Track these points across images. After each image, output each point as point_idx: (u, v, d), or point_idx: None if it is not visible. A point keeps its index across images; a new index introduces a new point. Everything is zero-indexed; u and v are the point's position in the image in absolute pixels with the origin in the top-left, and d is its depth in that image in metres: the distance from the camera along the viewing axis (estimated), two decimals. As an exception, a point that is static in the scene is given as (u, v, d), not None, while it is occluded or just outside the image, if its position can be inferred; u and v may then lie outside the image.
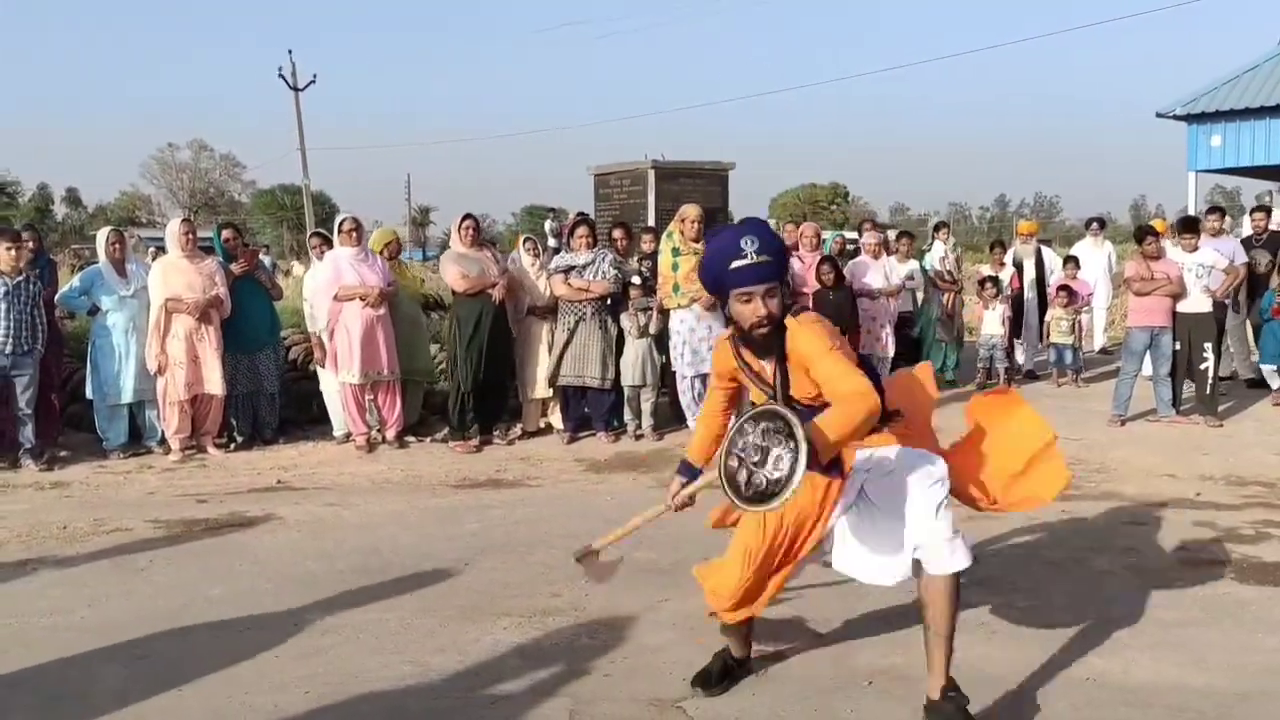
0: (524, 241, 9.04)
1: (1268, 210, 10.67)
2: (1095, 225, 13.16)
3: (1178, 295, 8.63)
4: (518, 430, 8.66)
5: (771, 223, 9.62)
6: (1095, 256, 12.46)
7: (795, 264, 9.31)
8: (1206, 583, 4.76)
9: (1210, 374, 8.71)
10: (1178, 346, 8.72)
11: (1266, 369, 9.60)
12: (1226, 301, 9.42)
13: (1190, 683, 3.67)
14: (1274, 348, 9.40)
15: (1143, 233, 9.09)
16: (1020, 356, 11.63)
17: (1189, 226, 9.25)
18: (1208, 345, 8.68)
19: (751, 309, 3.15)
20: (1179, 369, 8.85)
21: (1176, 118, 15.64)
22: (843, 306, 9.02)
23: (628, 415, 8.61)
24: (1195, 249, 8.93)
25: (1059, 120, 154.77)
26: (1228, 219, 10.84)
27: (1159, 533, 5.61)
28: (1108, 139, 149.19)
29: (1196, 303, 8.71)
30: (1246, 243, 10.07)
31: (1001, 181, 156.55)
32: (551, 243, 12.82)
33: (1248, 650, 3.96)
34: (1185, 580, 4.81)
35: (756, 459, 2.84)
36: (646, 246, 9.46)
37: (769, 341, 3.20)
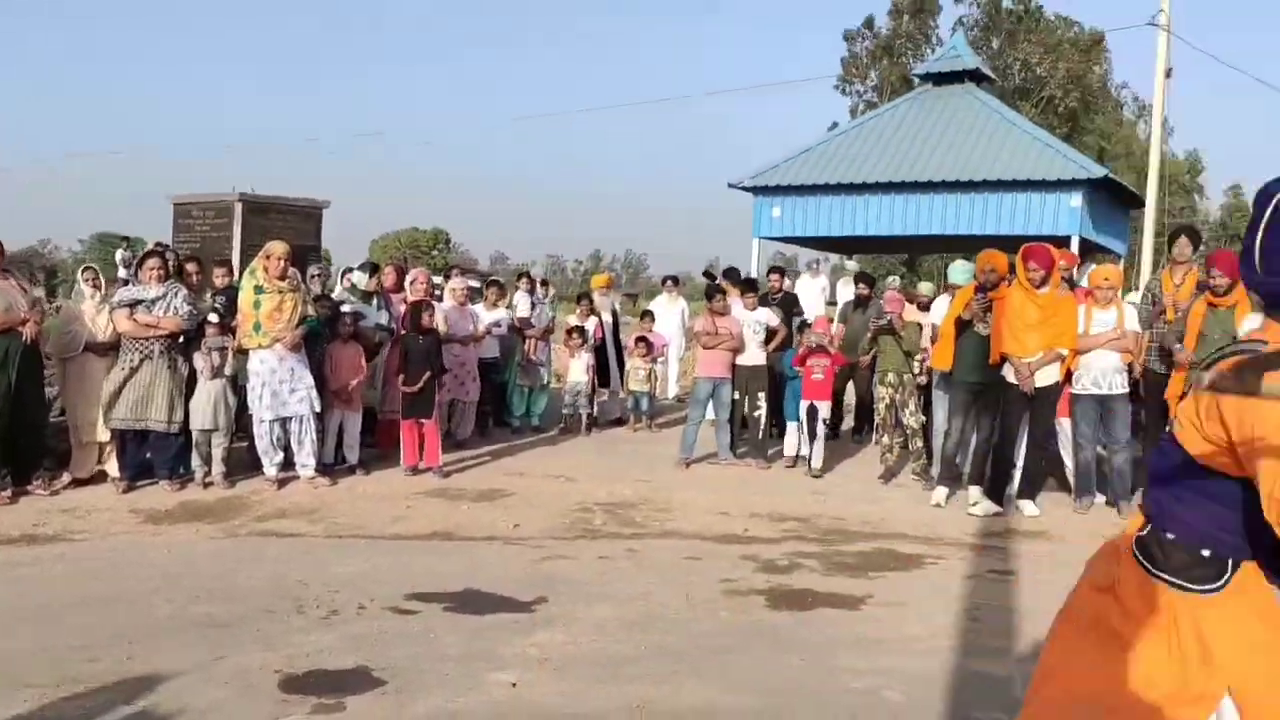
0: (83, 271, 8.22)
1: (782, 271, 11.83)
2: (670, 282, 14.17)
3: (737, 349, 9.46)
4: (65, 479, 7.79)
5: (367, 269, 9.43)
6: (670, 311, 13.38)
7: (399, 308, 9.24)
8: (746, 611, 5.22)
9: (763, 421, 9.60)
10: (736, 396, 9.56)
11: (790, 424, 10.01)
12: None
13: (724, 703, 3.99)
14: (794, 406, 9.69)
15: (711, 291, 9.86)
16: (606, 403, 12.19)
17: (749, 287, 10.14)
18: (761, 395, 9.58)
19: None
20: (736, 417, 9.70)
21: (744, 189, 17.31)
22: (430, 351, 9.03)
23: (196, 461, 8.03)
24: (754, 308, 9.83)
25: (650, 183, 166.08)
26: (787, 279, 12.07)
27: (710, 566, 6.08)
28: (689, 203, 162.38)
29: (753, 356, 9.59)
30: (763, 300, 10.93)
31: (598, 238, 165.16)
32: (123, 273, 11.79)
33: (775, 670, 4.38)
34: (730, 608, 5.24)
35: None
36: (219, 281, 8.94)
37: None
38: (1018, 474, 7.87)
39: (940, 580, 5.90)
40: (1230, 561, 2.05)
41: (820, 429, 9.17)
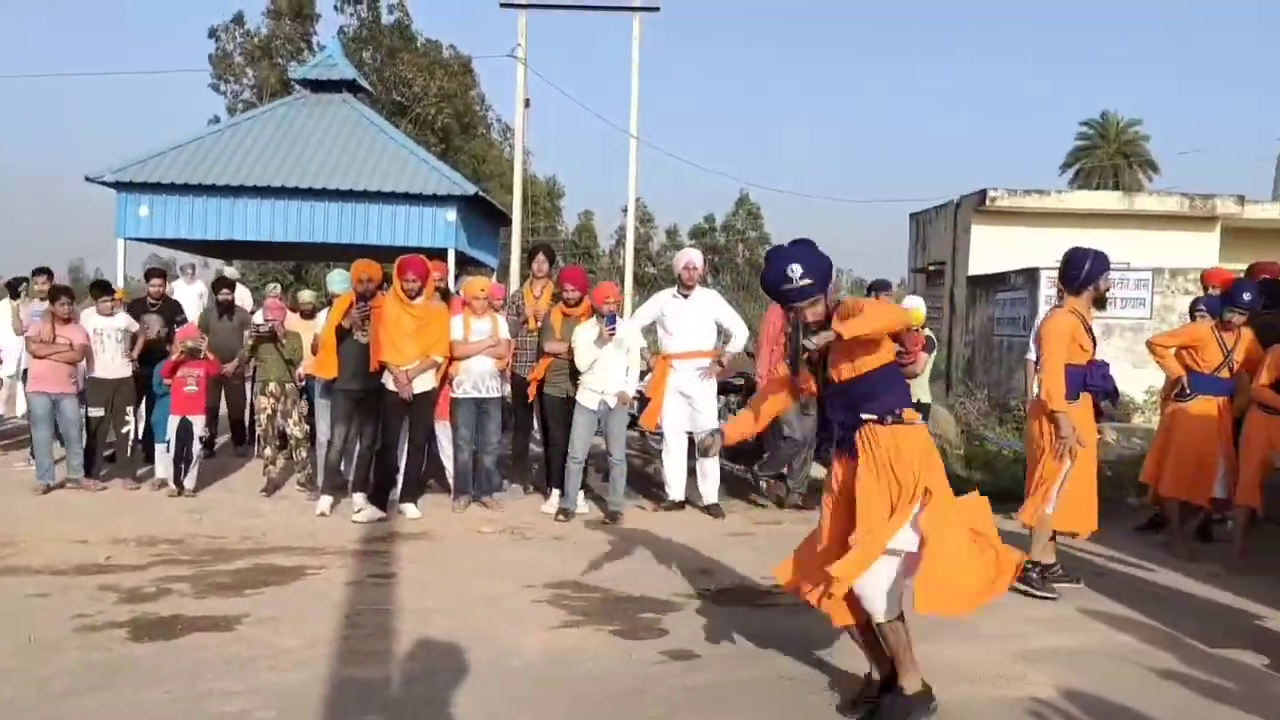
0: None
1: (163, 275, 10.83)
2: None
3: (74, 360, 8.52)
4: None
5: None
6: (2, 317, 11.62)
7: None
8: (104, 647, 4.73)
9: (129, 436, 8.79)
10: (102, 412, 8.65)
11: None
12: None
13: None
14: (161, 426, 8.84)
15: (56, 292, 8.72)
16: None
17: (102, 290, 9.08)
18: (130, 409, 8.76)
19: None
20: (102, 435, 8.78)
21: (106, 184, 15.74)
22: None
23: None
24: (112, 313, 8.94)
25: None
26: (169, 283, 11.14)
27: (61, 602, 5.43)
28: (42, 200, 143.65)
29: (117, 367, 8.74)
30: (140, 305, 10.13)
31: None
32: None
33: (136, 707, 4.01)
34: (83, 647, 4.72)
35: None
36: None
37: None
38: (400, 478, 8.08)
39: (321, 590, 5.84)
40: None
41: (196, 446, 8.63)
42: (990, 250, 16.25)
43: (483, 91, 45.28)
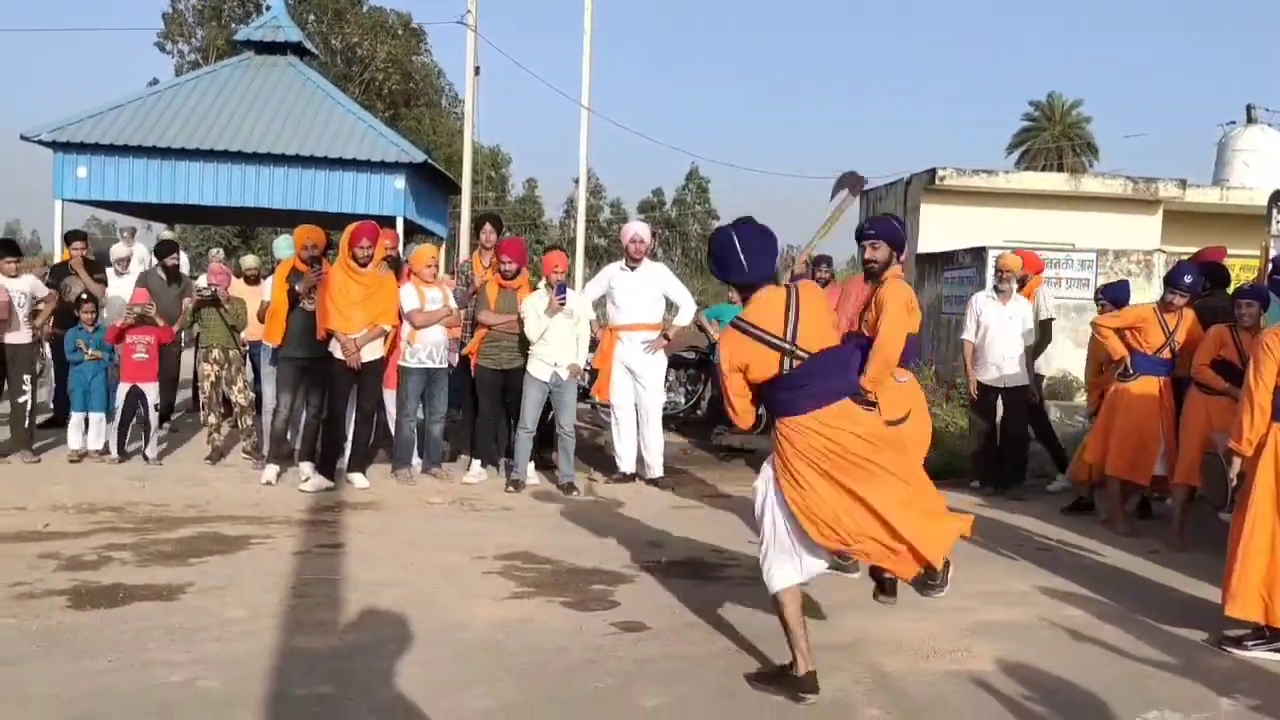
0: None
1: (84, 237, 10.50)
2: None
3: (3, 321, 8.25)
4: None
5: None
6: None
7: None
8: (43, 615, 4.63)
9: (28, 406, 8.42)
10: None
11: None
12: None
13: (10, 725, 3.50)
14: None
15: None
16: None
17: (7, 250, 8.76)
18: (28, 378, 8.45)
19: None
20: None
21: (43, 143, 15.30)
22: None
23: None
24: (16, 275, 8.63)
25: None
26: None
27: (-2, 570, 5.30)
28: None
29: (20, 333, 8.39)
30: (63, 269, 9.77)
31: None
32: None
33: (78, 676, 3.93)
34: (22, 614, 4.61)
35: None
36: None
37: None
38: (349, 447, 7.98)
39: (267, 560, 5.76)
40: None
41: (153, 415, 8.45)
42: (939, 229, 16.36)
43: (432, 59, 44.72)
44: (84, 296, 8.77)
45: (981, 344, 8.49)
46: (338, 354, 7.61)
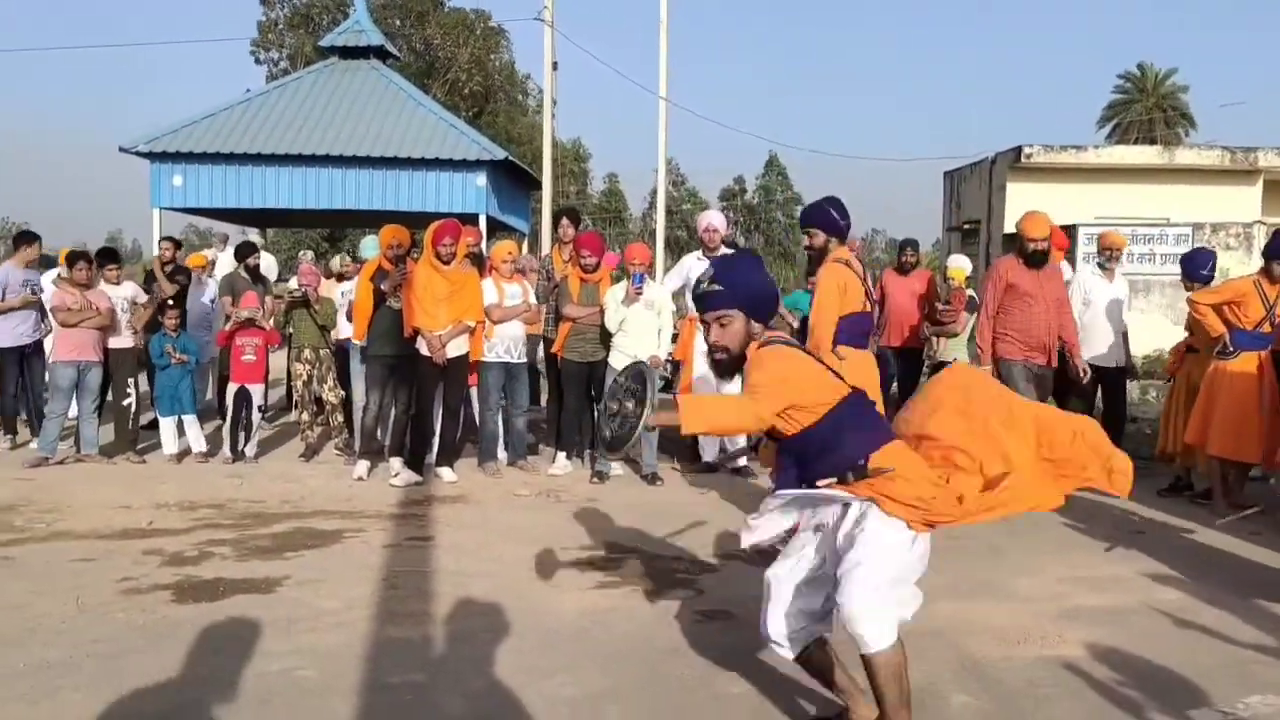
0: None
1: (177, 244, 10.79)
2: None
3: (105, 326, 8.57)
4: None
5: None
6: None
7: None
8: (149, 609, 4.82)
9: (132, 409, 8.75)
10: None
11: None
12: None
13: (124, 711, 3.65)
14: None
15: (73, 257, 8.65)
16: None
17: (109, 258, 9.07)
18: (131, 382, 8.74)
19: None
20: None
21: (140, 154, 15.84)
22: None
23: None
24: (119, 281, 8.97)
25: (20, 141, 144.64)
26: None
27: (106, 566, 5.52)
28: (77, 170, 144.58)
29: (122, 338, 8.72)
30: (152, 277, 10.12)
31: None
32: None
33: (183, 667, 4.09)
34: (128, 609, 4.80)
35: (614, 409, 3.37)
36: None
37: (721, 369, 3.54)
38: (436, 442, 8.13)
39: (359, 553, 5.91)
40: None
41: (255, 415, 8.71)
42: (1026, 208, 16.01)
43: (512, 57, 45.09)
44: (168, 302, 9.05)
45: (1086, 322, 8.24)
46: (424, 351, 7.75)
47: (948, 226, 20.02)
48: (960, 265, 9.06)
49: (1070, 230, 12.72)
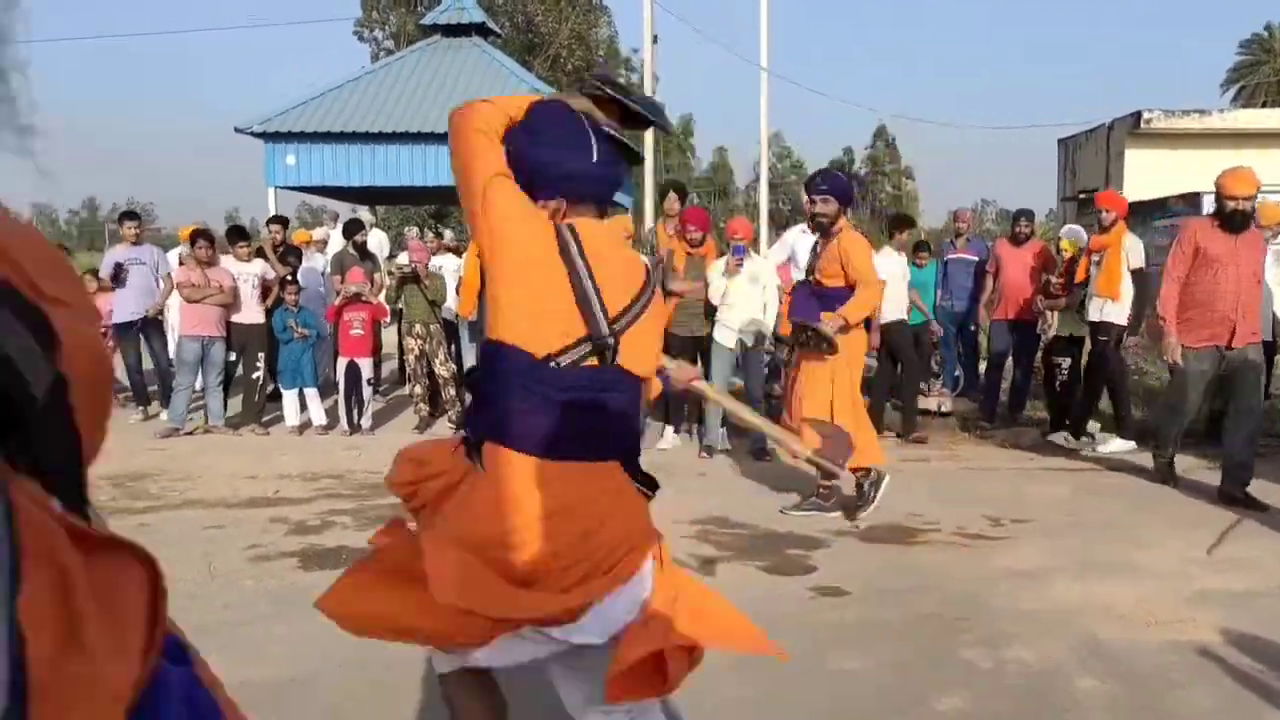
0: None
1: (284, 222, 11.05)
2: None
3: (229, 304, 8.87)
4: None
5: None
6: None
7: None
8: (276, 576, 4.99)
9: (260, 382, 9.05)
10: (232, 357, 9.03)
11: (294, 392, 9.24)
12: None
13: (252, 677, 3.78)
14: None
15: (194, 236, 8.99)
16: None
17: (239, 236, 9.45)
18: (261, 355, 9.06)
19: None
20: (231, 379, 9.15)
21: (254, 134, 16.30)
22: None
23: None
24: (249, 259, 9.27)
25: (111, 124, 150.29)
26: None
27: (235, 533, 5.74)
28: (196, 150, 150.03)
29: (251, 313, 9.04)
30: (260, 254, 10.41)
31: (89, 186, 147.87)
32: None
33: (308, 635, 4.22)
34: (257, 575, 4.98)
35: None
36: None
37: None
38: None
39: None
40: None
41: (366, 389, 8.94)
42: (1146, 175, 15.41)
43: (613, 31, 45.06)
44: (288, 279, 9.31)
45: None
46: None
47: (1063, 196, 19.39)
48: (1074, 236, 8.75)
49: (1195, 199, 12.21)
